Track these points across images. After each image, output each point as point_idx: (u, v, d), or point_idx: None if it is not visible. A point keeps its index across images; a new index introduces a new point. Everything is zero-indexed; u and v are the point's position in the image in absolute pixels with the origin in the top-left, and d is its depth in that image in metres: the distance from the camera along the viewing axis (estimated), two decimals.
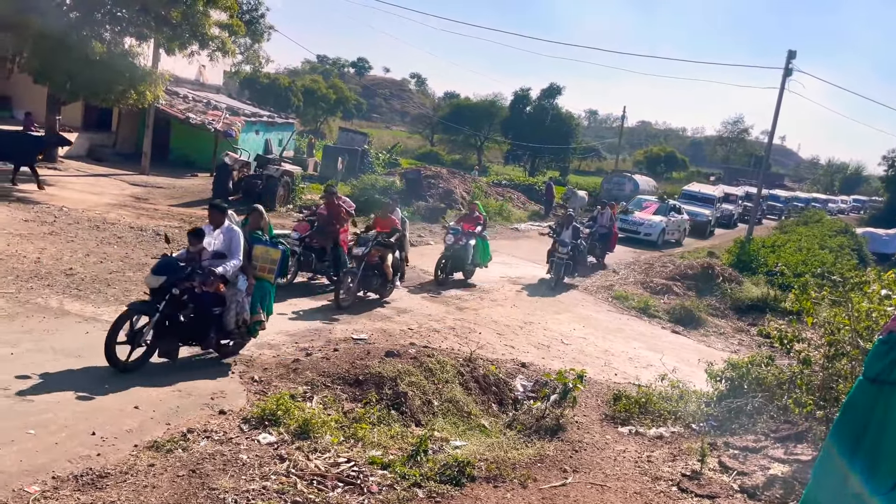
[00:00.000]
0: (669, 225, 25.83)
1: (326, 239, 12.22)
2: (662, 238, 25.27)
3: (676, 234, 26.85)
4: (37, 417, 5.93)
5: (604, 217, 19.22)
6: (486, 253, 15.07)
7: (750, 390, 8.13)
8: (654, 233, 24.98)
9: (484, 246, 14.95)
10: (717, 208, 33.10)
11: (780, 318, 15.29)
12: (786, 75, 26.21)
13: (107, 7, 17.89)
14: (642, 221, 25.26)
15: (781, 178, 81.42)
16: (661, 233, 25.18)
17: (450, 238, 14.15)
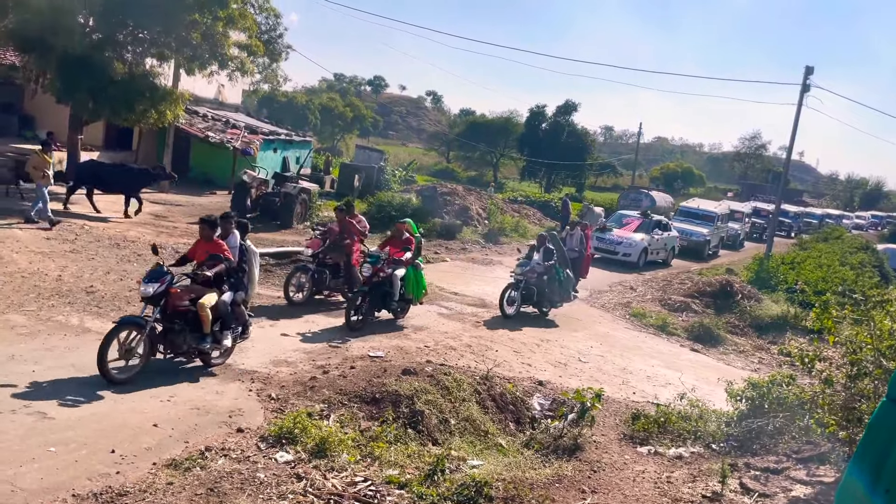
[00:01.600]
0: (653, 243, 23.18)
1: (339, 255, 12.31)
2: (644, 258, 22.65)
3: (662, 253, 24.13)
4: (58, 435, 5.99)
5: (573, 239, 16.37)
6: (421, 285, 12.02)
7: (771, 410, 8.03)
8: (634, 252, 22.39)
9: (417, 277, 11.92)
10: (719, 227, 29.57)
11: (800, 336, 15.14)
12: (803, 91, 26.11)
13: (129, 28, 18.21)
14: (620, 240, 22.58)
15: (800, 193, 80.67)
16: (643, 253, 22.55)
17: (366, 269, 11.16)
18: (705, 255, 27.22)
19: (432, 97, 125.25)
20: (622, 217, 24.77)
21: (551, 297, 14.04)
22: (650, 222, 23.79)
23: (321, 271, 12.19)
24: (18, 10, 16.65)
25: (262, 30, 25.46)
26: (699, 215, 29.16)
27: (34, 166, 15.09)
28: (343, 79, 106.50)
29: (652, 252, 23.11)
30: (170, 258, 9.99)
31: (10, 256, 11.64)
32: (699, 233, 27.48)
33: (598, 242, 21.54)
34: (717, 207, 30.97)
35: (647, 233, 23.11)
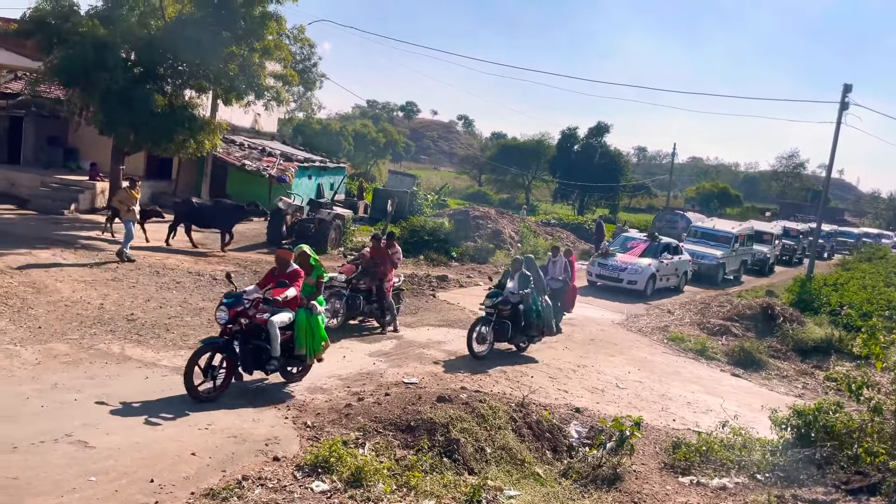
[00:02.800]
0: (662, 269, 20.90)
1: (372, 280, 12.41)
2: (652, 286, 20.43)
3: (673, 279, 21.76)
4: (98, 464, 6.06)
5: (556, 267, 14.44)
6: (318, 335, 8.69)
7: (818, 439, 7.79)
8: (641, 279, 20.14)
9: (311, 324, 8.60)
10: (738, 250, 26.31)
11: (846, 361, 14.71)
12: (842, 109, 25.62)
13: (168, 62, 18.75)
14: (624, 266, 20.41)
15: (841, 212, 78.96)
16: (650, 279, 20.32)
17: (221, 315, 8.10)
18: (719, 281, 24.35)
19: (464, 121, 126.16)
20: (626, 240, 22.70)
21: (528, 331, 12.23)
22: (658, 245, 21.66)
23: (355, 297, 12.27)
24: (63, 46, 17.25)
25: (296, 59, 26.03)
26: (715, 236, 26.28)
27: (121, 201, 15.64)
28: (376, 105, 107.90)
29: (661, 278, 20.91)
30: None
31: (54, 285, 11.94)
32: (711, 256, 24.67)
33: (601, 269, 20.37)
34: (737, 227, 27.74)
35: (654, 257, 20.96)
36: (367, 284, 12.42)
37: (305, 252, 9.25)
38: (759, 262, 29.15)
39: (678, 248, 22.43)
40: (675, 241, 23.02)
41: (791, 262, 34.47)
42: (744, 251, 26.92)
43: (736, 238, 25.99)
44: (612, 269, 20.45)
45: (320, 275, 9.33)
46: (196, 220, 18.28)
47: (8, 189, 20.73)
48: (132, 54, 18.54)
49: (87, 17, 17.89)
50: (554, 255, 14.82)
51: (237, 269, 15.70)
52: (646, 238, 22.22)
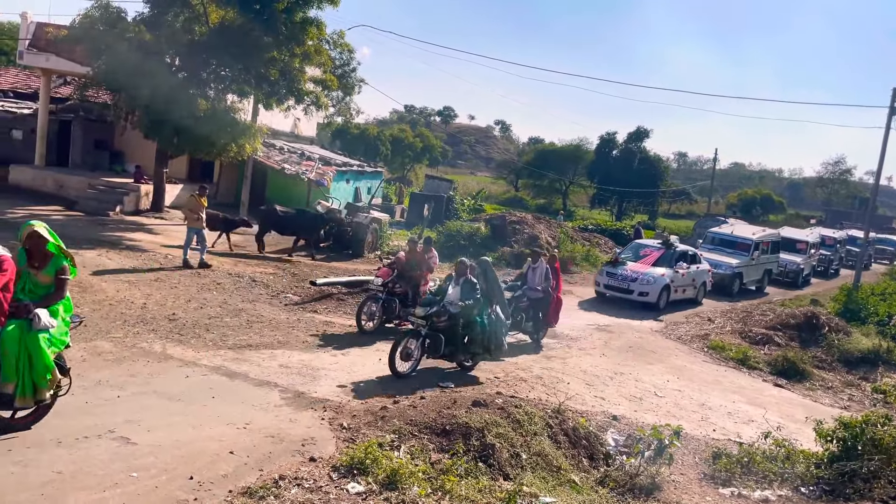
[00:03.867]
0: (677, 279, 19.00)
1: (408, 284, 12.53)
2: (666, 298, 18.62)
3: (689, 290, 19.98)
4: (139, 461, 6.17)
5: (536, 274, 12.90)
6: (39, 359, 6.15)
7: (865, 452, 7.55)
8: (653, 291, 18.28)
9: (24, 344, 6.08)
10: (759, 259, 24.18)
11: (894, 372, 14.26)
12: (891, 114, 24.91)
13: (211, 67, 19.11)
14: (635, 276, 18.48)
15: (889, 220, 76.61)
16: (664, 291, 18.45)
17: None
18: (734, 293, 22.48)
19: (501, 126, 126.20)
20: (639, 247, 20.76)
21: (471, 347, 10.42)
22: (673, 253, 19.74)
23: (391, 300, 12.37)
24: (110, 52, 17.71)
25: (336, 64, 26.24)
26: (733, 243, 24.24)
27: (190, 209, 15.61)
28: (413, 110, 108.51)
29: (676, 289, 19.10)
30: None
31: (99, 285, 12.23)
32: (726, 264, 22.72)
33: (609, 279, 18.66)
34: (758, 233, 25.20)
35: (669, 266, 19.00)
36: (403, 288, 12.52)
37: (36, 232, 6.27)
38: (790, 272, 27.07)
39: (696, 256, 20.65)
40: (693, 249, 21.34)
41: (827, 273, 31.98)
42: (766, 260, 24.80)
43: (756, 245, 23.94)
44: (622, 280, 18.56)
45: (61, 268, 6.42)
46: (280, 228, 18.82)
47: (57, 191, 21.34)
48: (176, 59, 18.95)
49: (134, 23, 18.36)
50: (534, 261, 13.15)
51: (277, 271, 15.89)
52: (660, 245, 20.35)
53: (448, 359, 10.47)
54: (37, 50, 21.26)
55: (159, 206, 21.34)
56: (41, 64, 21.97)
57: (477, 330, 10.33)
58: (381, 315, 12.32)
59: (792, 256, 27.34)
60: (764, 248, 24.46)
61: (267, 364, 9.56)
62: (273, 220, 18.54)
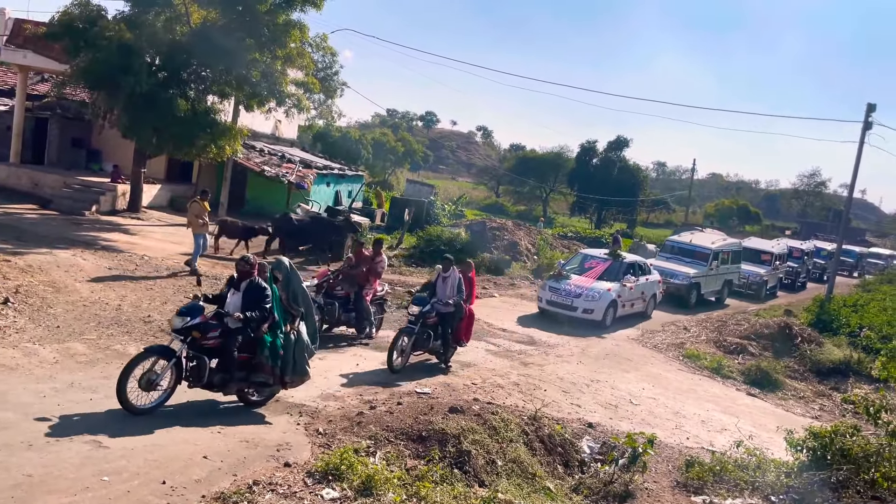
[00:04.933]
0: (625, 293, 17.44)
1: (350, 286, 11.94)
2: (613, 314, 17.01)
3: (638, 303, 18.46)
4: (112, 464, 6.11)
5: (447, 285, 11.09)
6: None
7: (834, 462, 7.67)
8: (598, 308, 16.57)
9: None
10: (718, 269, 23.16)
11: (865, 383, 14.52)
12: (865, 129, 25.38)
13: (192, 67, 18.99)
14: (579, 291, 16.71)
15: (863, 232, 77.97)
16: (610, 307, 16.82)
17: None
18: (691, 304, 21.57)
19: (482, 132, 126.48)
20: (585, 259, 18.89)
21: (250, 377, 7.94)
22: (620, 265, 18.10)
23: (330, 303, 11.67)
24: (90, 49, 17.52)
25: (318, 68, 26.20)
26: (691, 252, 23.16)
27: (195, 214, 15.37)
28: (395, 114, 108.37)
29: (623, 304, 17.53)
30: None
31: (73, 285, 12.07)
32: (683, 274, 21.73)
33: (552, 294, 16.82)
34: (718, 242, 24.08)
35: (616, 280, 17.45)
36: (345, 291, 11.91)
37: None
38: (753, 284, 25.95)
39: (646, 267, 19.19)
40: (643, 260, 19.88)
41: (794, 286, 31.02)
42: (726, 270, 23.81)
43: (715, 255, 22.88)
44: (565, 295, 16.71)
45: None
46: (294, 236, 18.94)
47: (32, 189, 21.04)
48: (157, 59, 18.80)
49: (114, 22, 18.19)
50: (444, 269, 11.28)
51: None
52: (607, 257, 18.70)
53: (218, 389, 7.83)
54: (14, 46, 20.98)
55: (136, 207, 21.13)
56: (18, 60, 21.69)
57: (250, 351, 7.91)
58: (320, 319, 11.19)
59: (755, 268, 26.42)
60: (724, 258, 23.55)
61: None
62: (287, 228, 18.70)
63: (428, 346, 11.06)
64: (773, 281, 27.58)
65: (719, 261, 23.10)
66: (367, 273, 12.14)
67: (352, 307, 11.91)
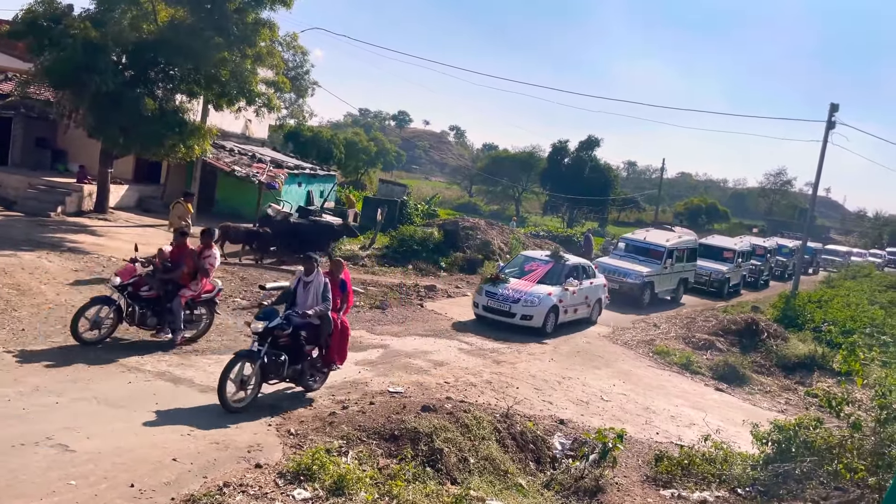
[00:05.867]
0: (567, 298, 16.15)
1: (160, 287, 10.05)
2: (554, 320, 15.74)
3: (583, 309, 17.11)
4: (78, 468, 6.03)
5: (309, 292, 9.01)
6: None
7: (798, 454, 7.84)
8: (538, 314, 15.36)
9: None
10: (673, 267, 22.57)
11: (828, 377, 14.84)
12: (829, 128, 25.98)
13: (160, 66, 18.74)
14: (518, 296, 15.44)
15: (827, 230, 79.74)
16: (551, 313, 15.58)
17: None
18: (644, 304, 20.98)
19: (455, 132, 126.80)
20: (525, 261, 17.50)
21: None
22: (563, 267, 16.89)
23: (132, 305, 9.81)
24: (54, 48, 17.20)
25: (289, 67, 26.02)
26: (646, 250, 22.57)
27: (179, 216, 15.24)
28: (368, 113, 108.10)
29: (566, 310, 16.25)
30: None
31: (39, 288, 11.85)
32: (636, 273, 21.12)
33: (488, 299, 15.56)
34: (673, 240, 23.41)
35: (557, 283, 16.20)
36: (154, 291, 10.00)
37: None
38: (715, 282, 25.97)
39: (590, 270, 18.03)
40: (587, 263, 18.77)
41: (757, 283, 31.01)
42: (681, 268, 23.33)
43: (670, 252, 22.33)
44: (503, 300, 15.49)
45: None
46: (293, 239, 18.79)
47: None
48: (123, 57, 18.51)
49: (79, 20, 17.86)
50: (306, 271, 9.07)
51: (224, 275, 15.65)
52: (548, 259, 17.43)
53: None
54: None
55: (103, 208, 20.79)
56: None
57: None
58: (114, 323, 9.74)
59: (718, 265, 26.51)
60: (679, 256, 23.02)
61: (213, 369, 9.39)
62: (286, 231, 18.64)
63: (282, 372, 8.57)
64: (737, 278, 27.70)
65: (674, 259, 22.67)
66: (191, 272, 10.30)
67: (160, 309, 10.01)
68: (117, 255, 15.53)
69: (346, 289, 9.65)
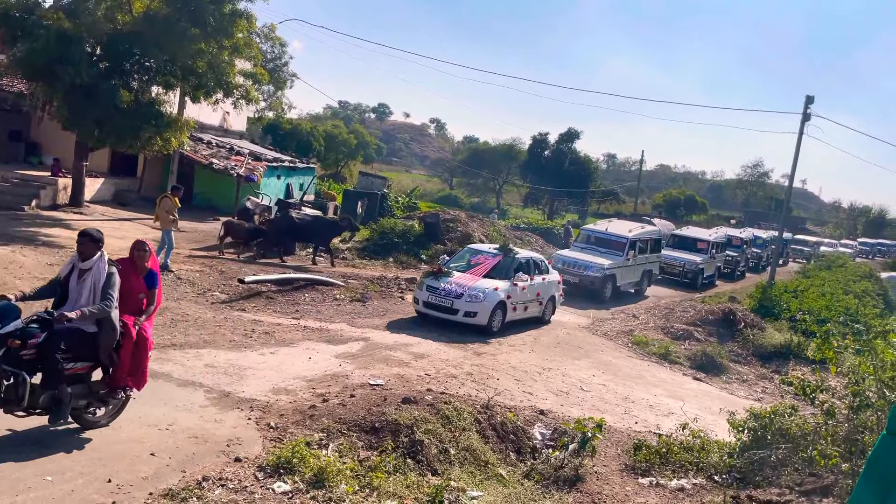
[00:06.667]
0: (516, 294, 14.75)
1: None
2: (501, 318, 14.40)
3: (534, 307, 15.61)
4: (54, 464, 5.96)
5: (85, 285, 6.40)
6: None
7: (773, 441, 7.96)
8: (483, 310, 13.96)
9: None
10: (636, 259, 21.77)
11: (804, 366, 15.07)
12: (804, 120, 26.27)
13: (135, 57, 18.49)
14: (461, 291, 14.03)
15: (804, 221, 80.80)
16: (498, 309, 14.23)
17: None
18: (605, 297, 20.20)
19: (436, 124, 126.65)
20: (472, 254, 16.08)
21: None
22: (512, 261, 15.51)
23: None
24: (27, 39, 16.90)
25: (267, 58, 25.79)
26: (608, 241, 21.76)
27: (166, 210, 15.13)
28: (347, 106, 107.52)
29: (515, 307, 14.81)
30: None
31: (13, 282, 11.67)
32: (597, 266, 20.16)
33: (430, 295, 14.16)
34: (636, 230, 22.64)
35: (506, 278, 14.84)
36: None
37: None
38: (688, 273, 25.75)
39: (543, 265, 16.62)
40: (540, 257, 17.36)
41: (733, 275, 31.00)
42: (645, 260, 22.51)
43: (633, 244, 21.53)
44: (444, 295, 14.07)
45: None
46: (295, 235, 18.77)
47: None
48: (98, 48, 18.26)
49: (52, 10, 17.58)
50: (83, 255, 6.48)
51: (203, 269, 15.52)
52: (497, 251, 15.96)
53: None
54: None
55: (78, 201, 20.51)
56: None
57: None
58: None
59: (691, 256, 26.49)
60: (642, 247, 22.21)
61: (192, 364, 9.35)
62: (288, 227, 18.54)
63: (24, 398, 5.90)
64: (711, 269, 27.48)
65: (637, 250, 21.85)
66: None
67: None
68: None
69: (154, 284, 7.07)
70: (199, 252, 17.68)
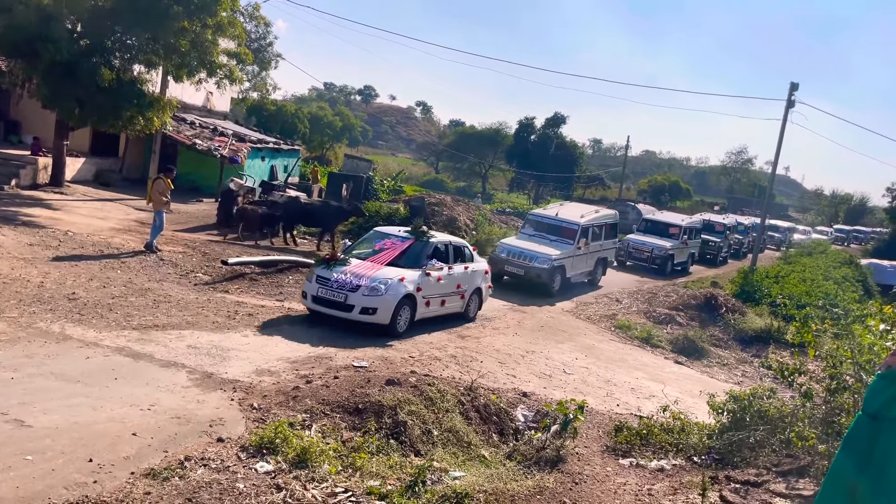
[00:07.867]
0: (428, 286, 12.33)
1: None
2: (408, 316, 12.01)
3: (454, 301, 13.31)
4: (35, 443, 5.93)
5: None
6: None
7: (752, 423, 8.06)
8: (385, 306, 11.47)
9: None
10: (589, 247, 19.56)
11: (784, 350, 15.26)
12: (788, 107, 26.43)
13: (117, 35, 18.17)
14: (357, 282, 11.47)
15: (786, 208, 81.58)
16: (404, 304, 11.83)
17: None
18: (553, 290, 17.98)
19: (422, 107, 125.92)
20: (378, 237, 13.41)
21: None
22: (424, 246, 12.99)
23: None
24: (5, 15, 16.56)
25: (251, 38, 25.46)
26: (557, 228, 19.42)
27: (159, 192, 15.02)
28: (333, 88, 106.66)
29: (428, 301, 12.43)
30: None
31: None
32: (543, 256, 17.86)
33: (320, 287, 11.60)
34: (588, 216, 20.29)
35: (416, 266, 12.39)
36: None
37: None
38: (657, 259, 24.76)
39: (466, 251, 14.07)
40: (463, 242, 14.68)
41: (715, 260, 30.60)
42: (599, 247, 20.45)
43: (585, 231, 19.36)
44: (337, 288, 11.49)
45: None
46: (303, 219, 19.03)
47: None
48: (78, 25, 17.90)
49: None
50: None
51: (186, 250, 15.41)
52: (407, 235, 13.27)
53: None
54: None
55: (59, 181, 20.24)
56: None
57: None
58: None
59: (661, 241, 25.45)
60: (595, 233, 20.07)
61: (174, 345, 9.31)
62: (295, 212, 18.70)
63: None
64: (683, 256, 26.41)
65: (589, 237, 19.61)
66: None
67: None
68: (74, 230, 15.18)
69: None
70: (182, 233, 17.53)
